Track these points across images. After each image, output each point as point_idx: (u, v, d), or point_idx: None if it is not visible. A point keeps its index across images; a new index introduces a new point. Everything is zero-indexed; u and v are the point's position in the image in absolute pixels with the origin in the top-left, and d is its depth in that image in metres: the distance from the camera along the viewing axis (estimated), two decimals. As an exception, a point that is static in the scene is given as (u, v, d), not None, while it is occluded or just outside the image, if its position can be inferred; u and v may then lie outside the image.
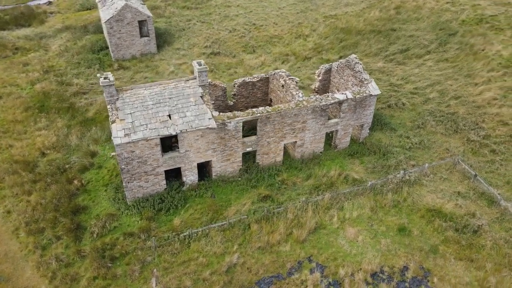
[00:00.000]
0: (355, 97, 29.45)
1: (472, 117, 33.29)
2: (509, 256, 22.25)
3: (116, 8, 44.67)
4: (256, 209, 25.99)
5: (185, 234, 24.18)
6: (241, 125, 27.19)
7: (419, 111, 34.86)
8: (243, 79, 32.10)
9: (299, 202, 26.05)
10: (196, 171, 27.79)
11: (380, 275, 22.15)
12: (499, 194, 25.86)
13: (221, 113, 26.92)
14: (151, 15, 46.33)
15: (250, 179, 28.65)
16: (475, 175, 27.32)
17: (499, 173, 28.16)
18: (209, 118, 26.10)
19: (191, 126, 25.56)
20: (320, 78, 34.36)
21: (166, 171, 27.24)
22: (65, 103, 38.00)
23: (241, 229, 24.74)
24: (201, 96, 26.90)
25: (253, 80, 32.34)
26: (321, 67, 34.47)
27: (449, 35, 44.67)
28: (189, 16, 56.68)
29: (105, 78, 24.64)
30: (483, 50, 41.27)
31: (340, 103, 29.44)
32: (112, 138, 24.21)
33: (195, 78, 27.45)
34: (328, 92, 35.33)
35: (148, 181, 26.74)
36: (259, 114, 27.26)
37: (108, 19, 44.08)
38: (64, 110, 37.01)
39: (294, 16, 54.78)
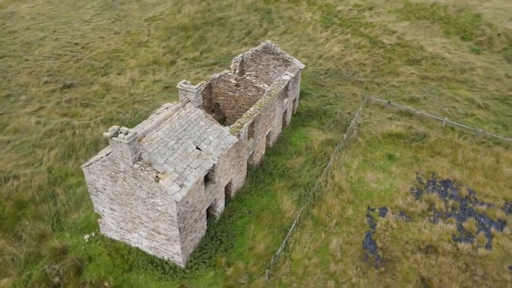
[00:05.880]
0: (294, 74, 32.93)
1: (335, 66, 42.59)
2: (450, 140, 32.57)
3: None
4: (298, 198, 26.81)
5: (279, 251, 22.89)
6: (247, 131, 26.45)
7: (308, 74, 41.54)
8: (194, 91, 29.64)
9: (324, 174, 28.48)
10: (224, 196, 25.41)
11: (413, 191, 28.31)
12: (411, 107, 36.11)
13: (230, 126, 25.28)
14: (-43, 61, 33.08)
15: (262, 180, 28.43)
16: (389, 102, 36.67)
17: (393, 96, 38.61)
18: (228, 135, 24.26)
19: (223, 149, 23.24)
20: (237, 71, 35.38)
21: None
22: None
23: (309, 219, 25.41)
24: (205, 116, 24.29)
25: (201, 89, 30.35)
26: (233, 61, 35.35)
27: (267, 13, 52.56)
28: (-27, 55, 42.66)
29: (126, 133, 18.85)
30: (300, 19, 51.31)
31: (288, 83, 32.31)
32: (169, 196, 19.37)
33: (189, 101, 24.23)
34: (243, 82, 36.83)
35: (196, 230, 22.79)
36: (255, 114, 27.10)
37: None
38: None
39: (113, 25, 49.99)
